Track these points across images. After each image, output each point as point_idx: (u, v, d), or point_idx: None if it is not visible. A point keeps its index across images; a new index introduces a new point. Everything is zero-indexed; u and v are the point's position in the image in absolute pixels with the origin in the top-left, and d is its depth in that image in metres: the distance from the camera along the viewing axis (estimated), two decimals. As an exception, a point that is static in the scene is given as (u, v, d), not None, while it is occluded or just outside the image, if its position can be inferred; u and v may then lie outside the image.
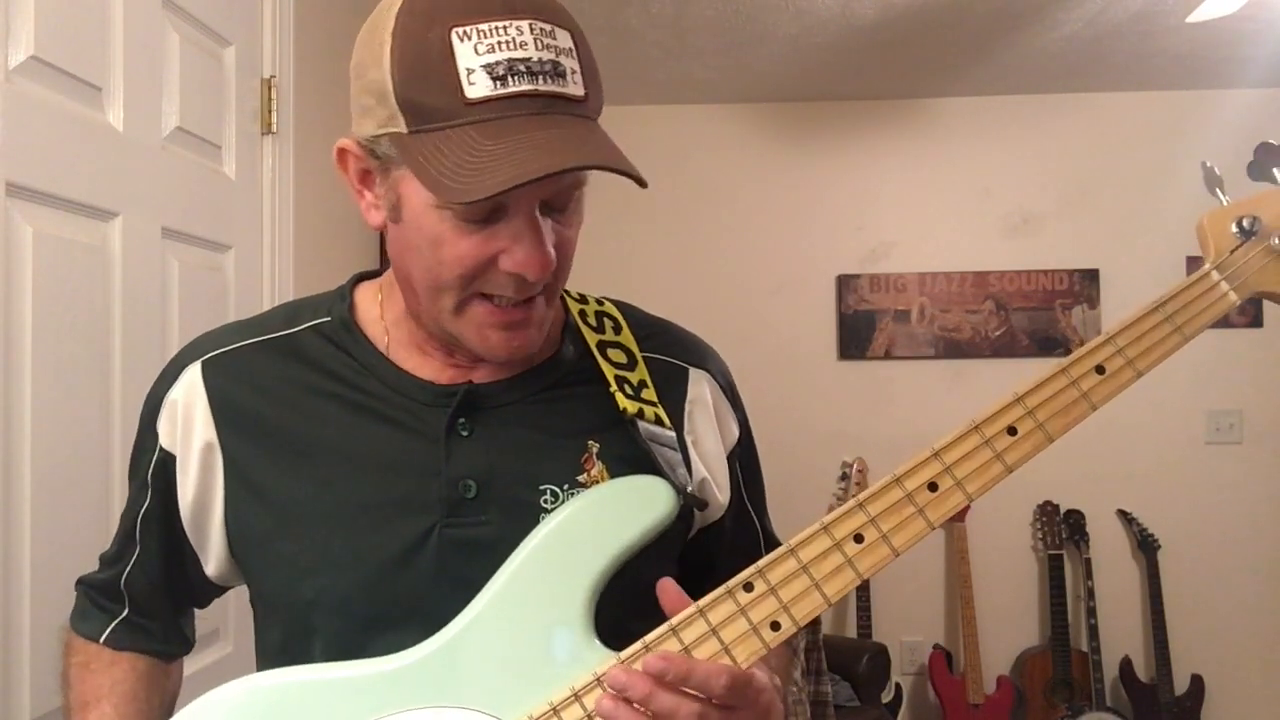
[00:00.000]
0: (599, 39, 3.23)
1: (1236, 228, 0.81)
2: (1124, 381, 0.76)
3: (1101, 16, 2.68)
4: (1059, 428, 0.75)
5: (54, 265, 1.19)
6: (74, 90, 1.25)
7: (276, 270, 1.76)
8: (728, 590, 0.70)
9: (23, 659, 1.13)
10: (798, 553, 0.71)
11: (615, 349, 0.84)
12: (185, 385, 0.82)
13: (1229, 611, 3.25)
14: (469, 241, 0.70)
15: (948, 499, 0.73)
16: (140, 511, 0.85)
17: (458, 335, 0.76)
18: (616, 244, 3.39)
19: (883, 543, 0.72)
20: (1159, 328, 0.77)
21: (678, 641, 0.69)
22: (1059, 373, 0.75)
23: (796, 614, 0.70)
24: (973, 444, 0.73)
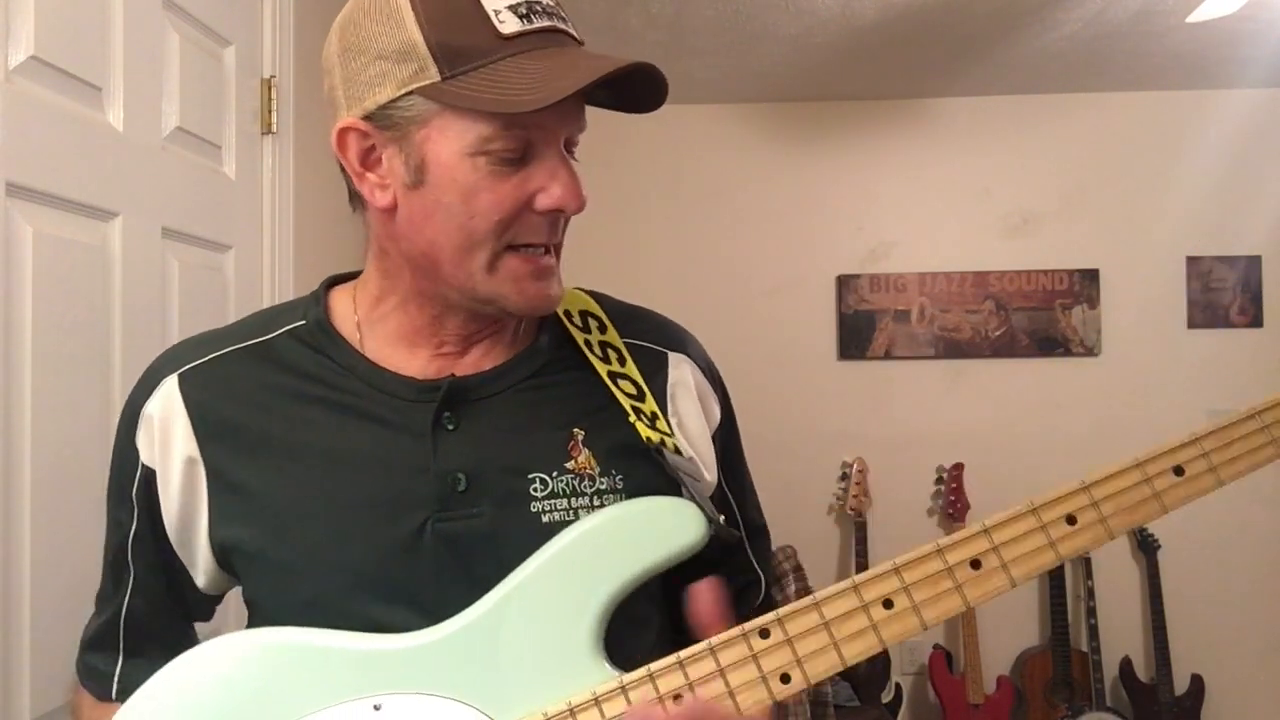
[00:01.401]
0: (599, 39, 3.21)
1: None
2: (1203, 488, 0.71)
3: (1101, 16, 2.68)
4: (1122, 524, 0.70)
5: (54, 265, 1.19)
6: (74, 90, 1.25)
7: (276, 270, 1.76)
8: (743, 633, 0.68)
9: (23, 659, 1.13)
10: (822, 607, 0.68)
11: (606, 348, 0.85)
12: (162, 399, 0.81)
13: (1229, 611, 3.25)
14: (506, 185, 0.72)
15: (990, 580, 0.69)
16: (130, 533, 0.83)
17: (490, 296, 0.76)
18: (616, 243, 3.39)
19: (912, 613, 0.68)
20: (1252, 437, 0.71)
21: (683, 676, 0.67)
22: (1133, 467, 0.72)
23: (810, 670, 0.67)
24: (1027, 526, 0.70)
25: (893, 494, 3.31)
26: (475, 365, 0.82)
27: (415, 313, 0.81)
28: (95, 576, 1.01)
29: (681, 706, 0.66)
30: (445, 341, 0.81)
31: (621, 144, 3.40)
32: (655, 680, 0.67)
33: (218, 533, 0.79)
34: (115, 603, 0.85)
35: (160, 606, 0.85)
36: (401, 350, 0.82)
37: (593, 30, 2.76)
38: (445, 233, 0.74)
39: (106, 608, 0.86)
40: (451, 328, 0.81)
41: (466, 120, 0.71)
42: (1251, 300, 3.31)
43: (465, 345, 0.82)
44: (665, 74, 0.77)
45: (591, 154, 0.80)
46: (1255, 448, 0.70)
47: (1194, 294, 3.32)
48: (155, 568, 0.83)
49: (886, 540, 3.28)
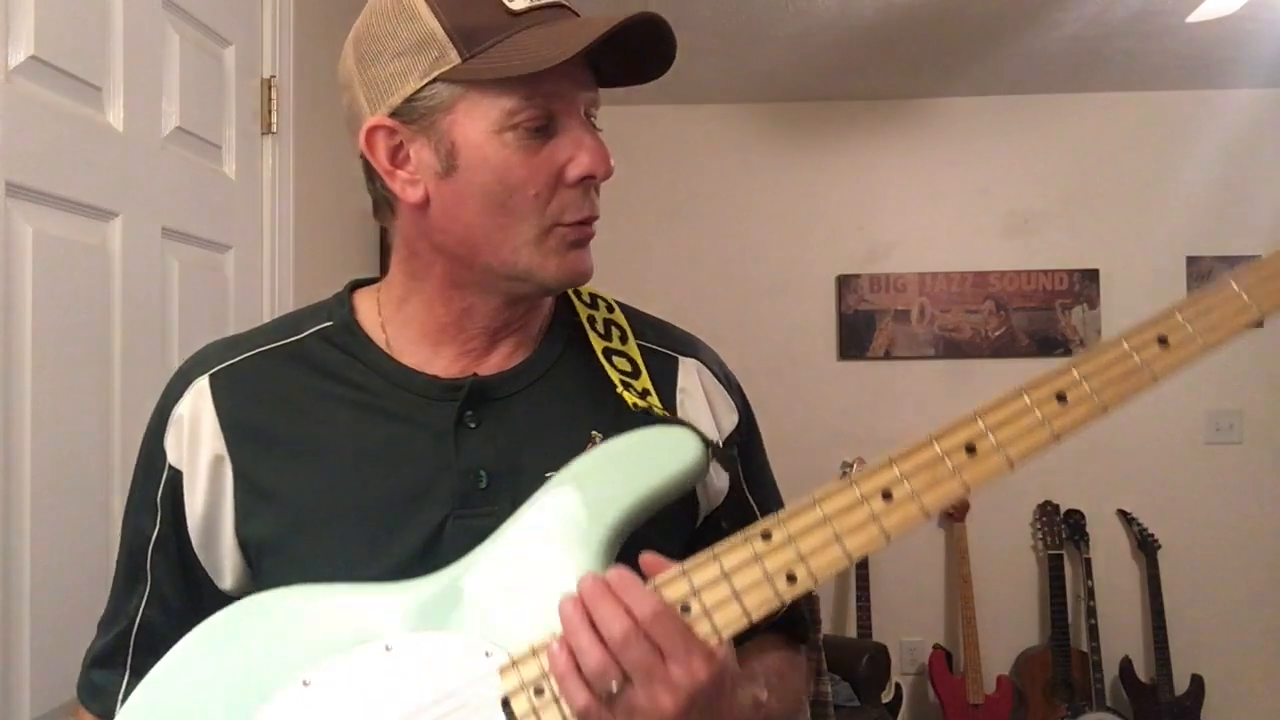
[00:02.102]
0: (599, 39, 3.16)
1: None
2: (1192, 353, 0.69)
3: (1101, 16, 2.68)
4: (1114, 397, 0.69)
5: (54, 265, 1.19)
6: (74, 90, 1.25)
7: (276, 270, 1.76)
8: (745, 537, 0.67)
9: (23, 659, 1.13)
10: (822, 504, 0.68)
11: (621, 358, 0.85)
12: (192, 399, 0.82)
13: (1229, 611, 3.25)
14: (537, 158, 0.75)
15: (986, 461, 0.69)
16: (152, 539, 0.83)
17: (530, 268, 0.77)
18: (616, 244, 3.39)
19: (912, 500, 0.68)
20: (1231, 301, 0.70)
21: (688, 583, 0.66)
22: (1117, 341, 0.71)
23: (814, 567, 0.67)
24: (1017, 408, 0.70)
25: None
26: (498, 365, 0.83)
27: (441, 310, 0.82)
28: (95, 576, 1.01)
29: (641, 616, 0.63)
30: (471, 338, 0.82)
31: (622, 144, 3.39)
32: (660, 591, 0.66)
33: (243, 530, 0.80)
34: (128, 615, 0.83)
35: (175, 619, 0.83)
36: (426, 349, 0.83)
37: (593, 30, 2.76)
38: (483, 214, 0.76)
39: (116, 623, 0.85)
40: (479, 320, 0.82)
41: (490, 97, 0.74)
42: None
43: (490, 342, 0.83)
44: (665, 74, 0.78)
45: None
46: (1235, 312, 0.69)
47: (1194, 294, 3.32)
48: (174, 574, 0.83)
49: (886, 540, 3.28)
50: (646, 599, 0.64)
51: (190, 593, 0.84)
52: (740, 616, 0.66)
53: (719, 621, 0.66)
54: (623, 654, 0.62)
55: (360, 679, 0.69)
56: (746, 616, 0.66)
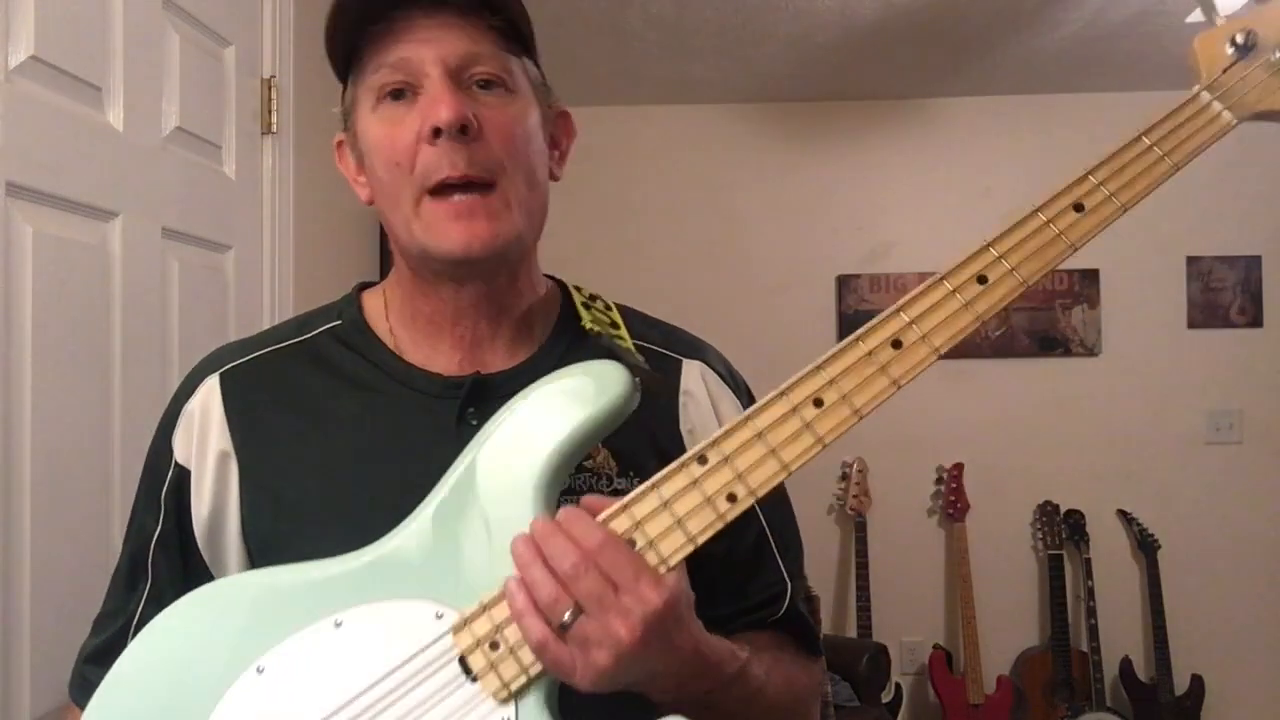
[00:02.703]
0: (599, 39, 3.22)
1: (1231, 46, 0.74)
2: (1106, 216, 0.70)
3: (1101, 17, 2.68)
4: (1034, 270, 0.70)
5: (54, 265, 1.19)
6: (74, 90, 1.25)
7: (276, 270, 1.76)
8: (681, 463, 0.67)
9: (23, 659, 1.13)
10: (754, 419, 0.67)
11: (601, 314, 0.86)
12: (202, 396, 0.83)
13: (1229, 611, 3.25)
14: (398, 125, 0.76)
15: (913, 354, 0.68)
16: (154, 536, 0.83)
17: (425, 245, 0.76)
18: (616, 244, 3.39)
19: (843, 404, 0.67)
20: (1142, 157, 0.71)
21: (629, 517, 0.66)
22: (1033, 213, 0.70)
23: (752, 482, 0.66)
24: (939, 295, 0.69)
25: (893, 494, 3.31)
26: (502, 363, 0.83)
27: (422, 303, 0.83)
28: (95, 577, 1.01)
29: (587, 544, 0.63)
30: (457, 327, 0.82)
31: (622, 144, 3.40)
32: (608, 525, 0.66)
33: (247, 528, 0.81)
34: (127, 613, 0.83)
35: None
36: (426, 345, 0.83)
37: (593, 30, 2.76)
38: (382, 197, 0.79)
39: (114, 620, 0.84)
40: (452, 308, 0.82)
41: (365, 80, 0.78)
42: (1251, 300, 3.31)
43: (485, 332, 0.82)
44: (661, 75, 0.78)
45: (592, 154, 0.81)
46: (1148, 166, 0.71)
47: (1194, 294, 3.32)
48: (175, 573, 0.83)
49: (886, 540, 3.28)
50: (594, 531, 0.64)
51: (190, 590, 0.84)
52: (685, 543, 0.66)
53: (664, 550, 0.66)
54: (574, 585, 0.62)
55: (314, 659, 0.68)
56: (692, 542, 0.66)
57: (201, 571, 0.83)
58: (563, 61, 2.98)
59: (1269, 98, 0.72)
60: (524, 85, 0.80)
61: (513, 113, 0.78)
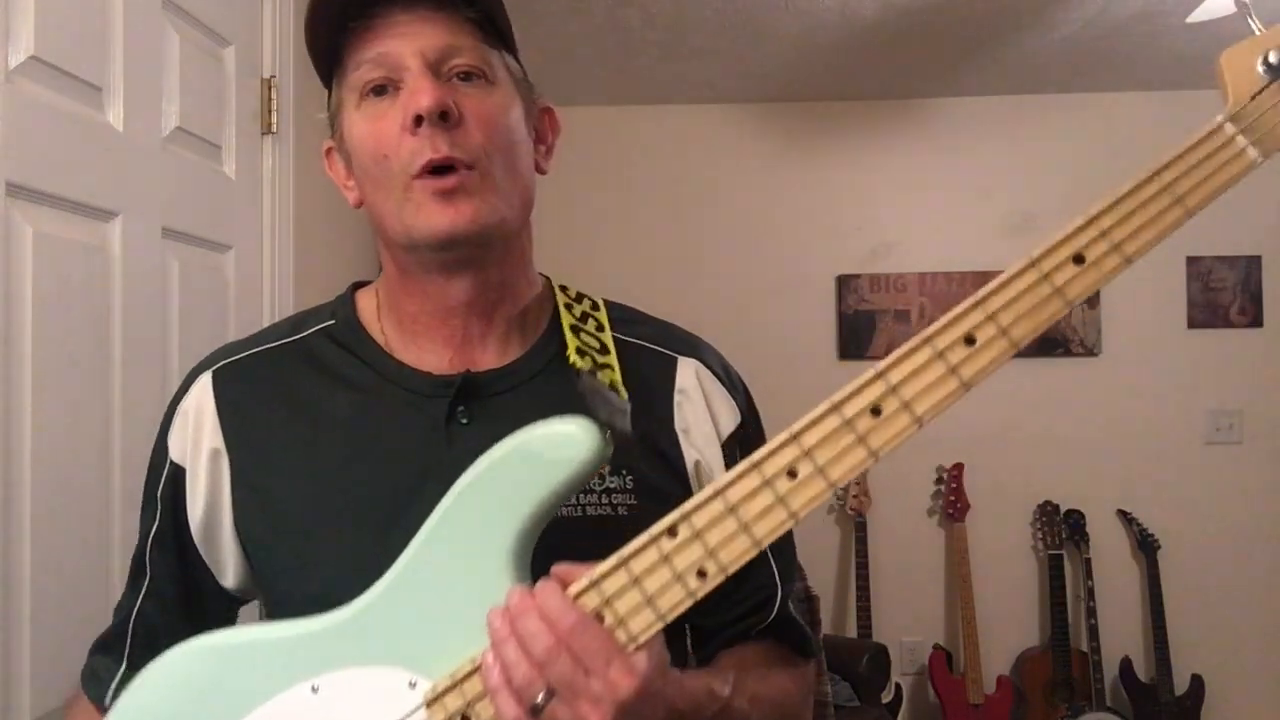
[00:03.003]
0: (599, 39, 3.22)
1: (1263, 65, 0.63)
2: (1109, 270, 0.63)
3: (1102, 16, 2.68)
4: (1025, 332, 0.62)
5: (54, 265, 1.19)
6: (74, 90, 1.25)
7: (276, 270, 1.76)
8: (651, 537, 0.65)
9: (23, 659, 1.13)
10: (725, 494, 0.64)
11: (589, 336, 0.85)
12: (196, 394, 0.84)
13: (1229, 611, 3.25)
14: (382, 119, 0.77)
15: (893, 423, 0.63)
16: (150, 533, 0.84)
17: (410, 228, 0.76)
18: (616, 243, 3.39)
19: (818, 477, 0.63)
20: (1154, 201, 0.62)
21: (598, 594, 0.65)
22: (1028, 267, 0.63)
23: (724, 559, 0.64)
24: (924, 358, 0.63)
25: (893, 494, 3.31)
26: (494, 358, 0.83)
27: (407, 300, 0.83)
28: (95, 577, 1.02)
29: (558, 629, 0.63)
30: (445, 323, 0.82)
31: (622, 144, 3.40)
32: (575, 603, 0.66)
33: (240, 525, 0.81)
34: (127, 607, 0.85)
35: (171, 614, 0.84)
36: (416, 343, 0.83)
37: (593, 30, 2.76)
38: (371, 192, 0.79)
39: (120, 611, 0.86)
40: (439, 303, 0.81)
41: (349, 79, 0.79)
42: (1251, 300, 3.31)
43: (474, 328, 0.82)
44: (661, 75, 0.78)
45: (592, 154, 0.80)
46: (1158, 213, 0.62)
47: (1194, 294, 3.32)
48: (172, 570, 0.84)
49: (887, 540, 3.28)
50: (567, 614, 0.63)
51: (188, 588, 0.84)
52: (655, 621, 0.64)
53: (634, 628, 0.64)
54: (547, 669, 0.63)
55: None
56: (661, 620, 0.64)
57: (199, 568, 0.84)
58: (563, 61, 2.98)
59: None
60: (504, 78, 0.81)
61: (493, 103, 0.79)
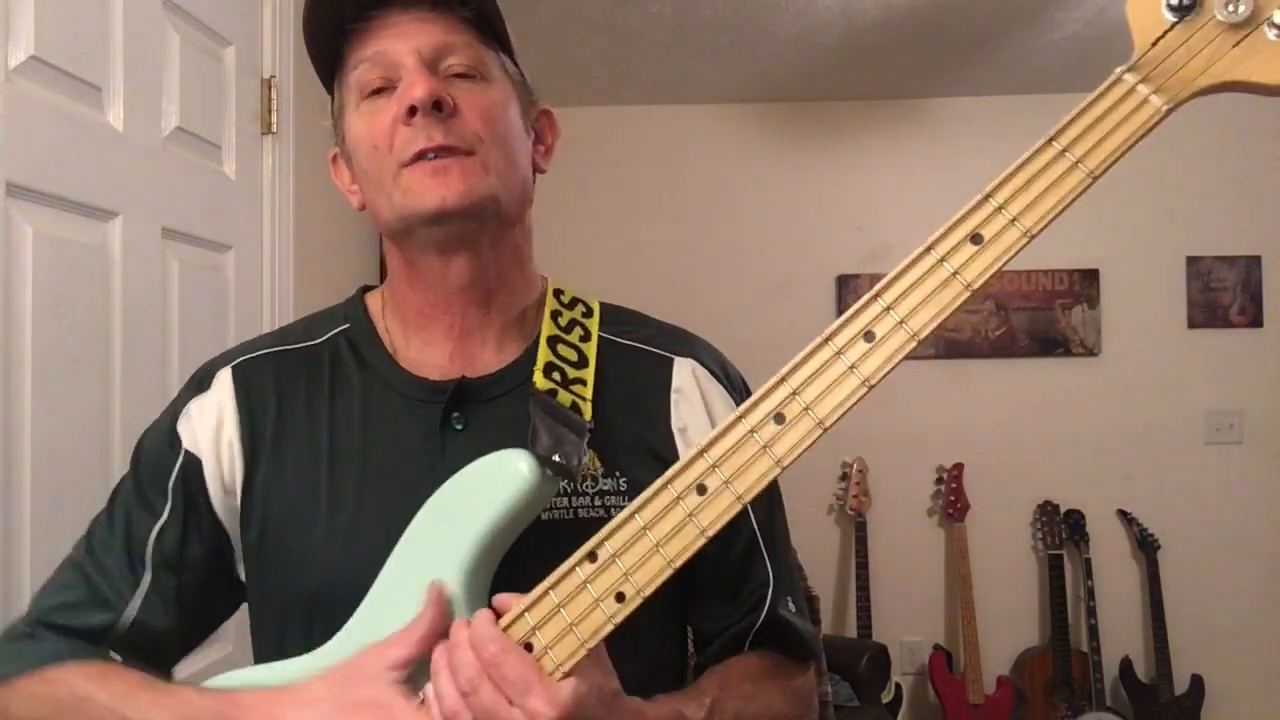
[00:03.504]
0: (599, 39, 3.22)
1: (1167, 7, 0.59)
2: (1009, 246, 0.60)
3: (1101, 16, 2.68)
4: (925, 320, 0.61)
5: (54, 265, 1.19)
6: (74, 90, 1.25)
7: (276, 270, 1.76)
8: (575, 561, 0.66)
9: (23, 659, 1.13)
10: (639, 513, 0.64)
11: (567, 347, 0.85)
12: (214, 389, 0.84)
13: (1229, 611, 3.25)
14: (378, 115, 0.78)
15: (797, 428, 0.61)
16: (156, 527, 0.81)
17: (404, 209, 0.77)
18: (616, 243, 3.39)
19: (725, 490, 0.61)
20: (1051, 167, 0.59)
21: (527, 621, 0.66)
22: (922, 254, 0.62)
23: (639, 581, 0.63)
24: (824, 358, 0.62)
25: (893, 494, 3.31)
26: (492, 356, 0.84)
27: (410, 293, 0.84)
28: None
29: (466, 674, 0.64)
30: (449, 311, 0.83)
31: (622, 144, 3.40)
32: (506, 632, 0.67)
33: (245, 518, 0.82)
34: (110, 611, 0.80)
35: (177, 612, 0.81)
36: (418, 340, 0.85)
37: (593, 30, 2.76)
38: (369, 187, 0.81)
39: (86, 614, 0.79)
40: (438, 290, 0.82)
41: (349, 80, 0.80)
42: (1251, 300, 3.31)
43: (468, 316, 0.83)
44: (661, 75, 0.78)
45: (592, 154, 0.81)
46: (1057, 177, 0.59)
47: (1194, 294, 3.32)
48: (181, 564, 0.81)
49: (887, 540, 3.28)
50: (489, 643, 0.64)
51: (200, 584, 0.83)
52: (578, 647, 0.64)
53: (558, 656, 0.65)
54: (471, 698, 0.64)
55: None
56: (584, 647, 0.64)
57: (210, 559, 0.82)
58: (563, 61, 2.98)
59: (1218, 66, 0.56)
60: (500, 76, 0.82)
61: (489, 98, 0.80)
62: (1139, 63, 0.60)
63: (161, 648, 0.82)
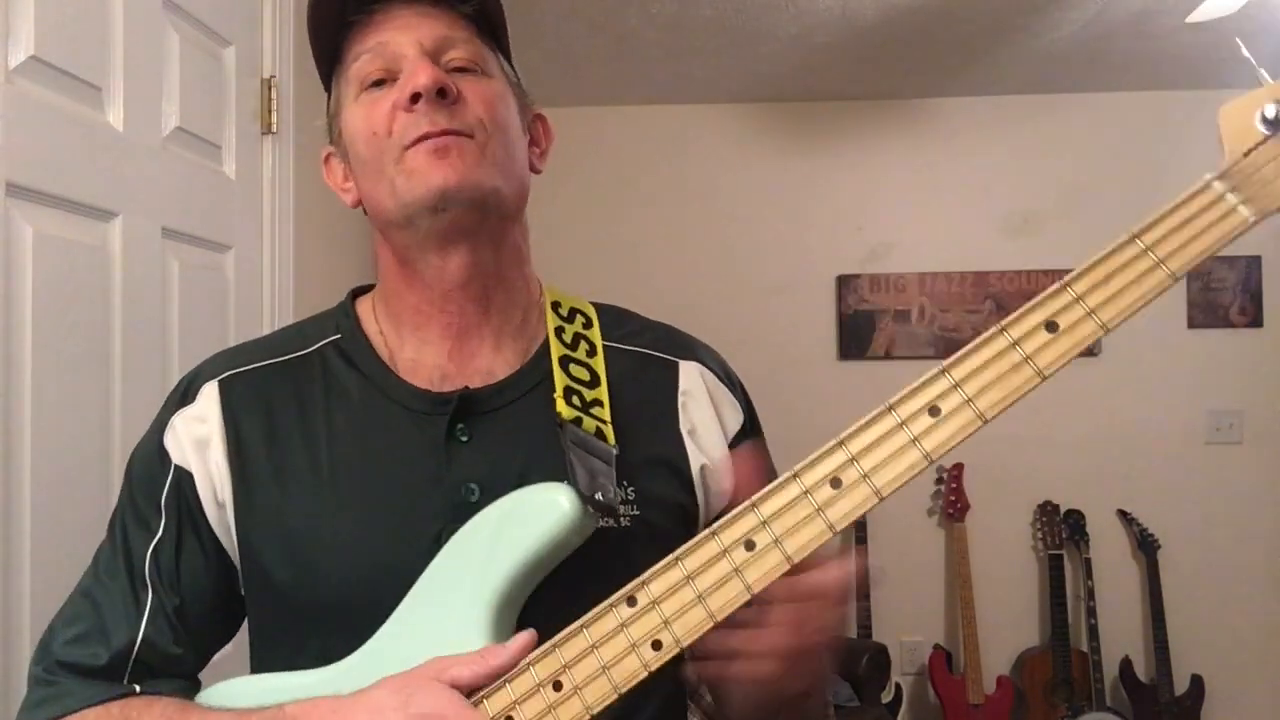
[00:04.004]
0: (599, 39, 3.22)
1: (1261, 121, 0.60)
2: (1084, 337, 0.59)
3: (1101, 16, 2.68)
4: (994, 402, 0.60)
5: (54, 265, 1.19)
6: (74, 90, 1.25)
7: (276, 270, 1.76)
8: (611, 604, 0.65)
9: (23, 659, 1.13)
10: (683, 561, 0.63)
11: (579, 366, 0.84)
12: (201, 403, 0.82)
13: (1229, 611, 3.25)
14: (380, 103, 0.78)
15: (852, 495, 0.61)
16: (151, 546, 0.80)
17: (401, 192, 0.77)
18: (616, 243, 3.39)
19: (775, 549, 0.62)
20: (1134, 264, 0.58)
21: (559, 659, 0.66)
22: (996, 333, 0.60)
23: (679, 631, 0.63)
24: (886, 427, 0.61)
25: (893, 494, 3.30)
26: (490, 358, 0.83)
27: (406, 291, 0.83)
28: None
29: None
30: (445, 308, 0.82)
31: (622, 144, 3.40)
32: (533, 668, 0.66)
33: (242, 537, 0.80)
34: (121, 636, 0.78)
35: (188, 625, 0.80)
36: (414, 341, 0.83)
37: (593, 29, 2.76)
38: (366, 177, 0.80)
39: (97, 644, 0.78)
40: (435, 286, 0.81)
41: (346, 73, 0.81)
42: (1251, 300, 3.31)
43: (466, 314, 0.82)
44: (661, 75, 0.78)
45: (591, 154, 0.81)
46: (1139, 275, 0.58)
47: (1194, 294, 3.32)
48: (185, 577, 0.80)
49: (887, 540, 3.28)
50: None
51: (204, 594, 0.82)
52: (610, 692, 0.64)
53: (589, 699, 0.64)
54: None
55: None
56: (616, 691, 0.64)
57: (212, 573, 0.81)
58: (563, 61, 2.98)
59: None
60: (499, 74, 0.82)
61: (491, 89, 0.80)
62: (1230, 171, 0.59)
63: (175, 664, 0.80)
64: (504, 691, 0.67)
